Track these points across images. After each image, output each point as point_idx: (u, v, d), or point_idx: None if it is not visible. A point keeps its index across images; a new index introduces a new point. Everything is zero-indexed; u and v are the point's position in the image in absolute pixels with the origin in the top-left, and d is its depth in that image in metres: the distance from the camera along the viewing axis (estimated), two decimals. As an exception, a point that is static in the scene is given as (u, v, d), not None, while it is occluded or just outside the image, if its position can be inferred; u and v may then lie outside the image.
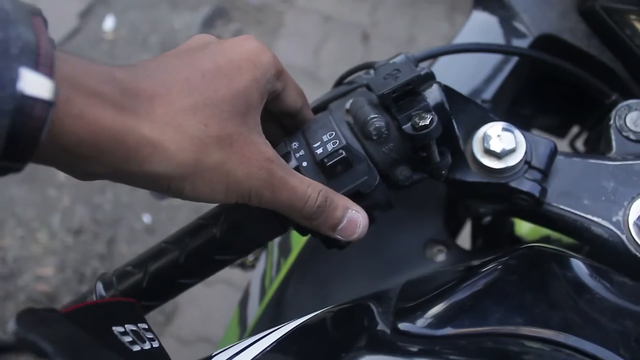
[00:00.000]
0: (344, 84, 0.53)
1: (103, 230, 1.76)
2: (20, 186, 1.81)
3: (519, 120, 0.89)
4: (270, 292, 0.60)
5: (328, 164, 0.40)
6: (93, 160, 0.32)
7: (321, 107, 0.52)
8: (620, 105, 0.52)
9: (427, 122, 0.39)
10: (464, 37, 0.66)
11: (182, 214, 1.77)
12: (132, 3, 2.34)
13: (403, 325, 0.34)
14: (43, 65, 0.28)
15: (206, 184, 0.36)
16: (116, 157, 0.32)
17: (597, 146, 0.66)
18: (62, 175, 1.85)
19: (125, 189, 1.84)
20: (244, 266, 0.82)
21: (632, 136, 0.51)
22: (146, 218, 1.79)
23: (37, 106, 0.28)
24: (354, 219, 0.41)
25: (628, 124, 0.52)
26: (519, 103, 0.82)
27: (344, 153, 0.40)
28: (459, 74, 0.63)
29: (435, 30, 2.40)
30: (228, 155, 0.36)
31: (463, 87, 0.63)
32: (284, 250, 0.60)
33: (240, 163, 0.37)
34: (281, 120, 0.46)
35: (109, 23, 2.26)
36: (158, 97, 0.34)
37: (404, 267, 0.55)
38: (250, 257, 0.81)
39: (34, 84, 0.27)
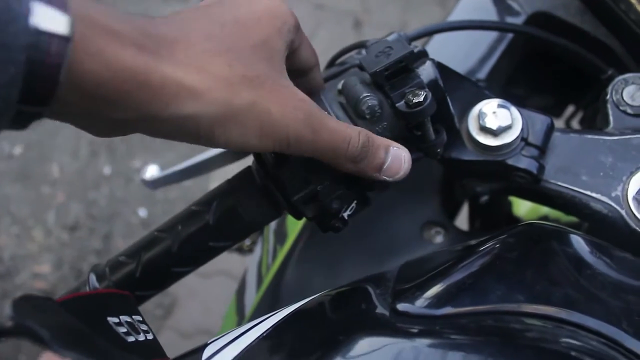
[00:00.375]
0: (336, 65, 0.52)
1: (99, 225, 1.75)
2: (14, 184, 1.79)
3: (513, 100, 0.88)
4: (267, 280, 0.59)
5: None
6: (116, 104, 0.30)
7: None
8: (616, 79, 0.51)
9: (421, 99, 0.38)
10: (457, 16, 0.65)
11: (178, 207, 1.76)
12: (122, -4, 2.32)
13: (402, 306, 0.33)
14: (56, 0, 0.26)
15: (238, 127, 0.34)
16: (140, 98, 0.31)
17: (593, 125, 0.66)
18: (55, 172, 1.83)
19: (120, 183, 1.83)
20: (241, 250, 0.81)
21: (629, 110, 0.50)
22: (142, 212, 1.78)
23: (54, 42, 0.26)
24: (398, 155, 0.40)
25: (625, 98, 0.51)
26: (512, 83, 0.81)
27: None
28: (453, 53, 0.62)
29: (428, 16, 2.39)
30: (260, 94, 0.34)
31: (457, 67, 0.60)
32: (280, 236, 0.59)
33: (274, 102, 0.34)
34: (293, 79, 0.45)
35: (98, 17, 2.23)
36: (178, 41, 0.33)
37: (401, 249, 0.55)
38: (247, 242, 0.80)
39: (47, 17, 0.26)
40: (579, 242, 0.40)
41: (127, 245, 0.48)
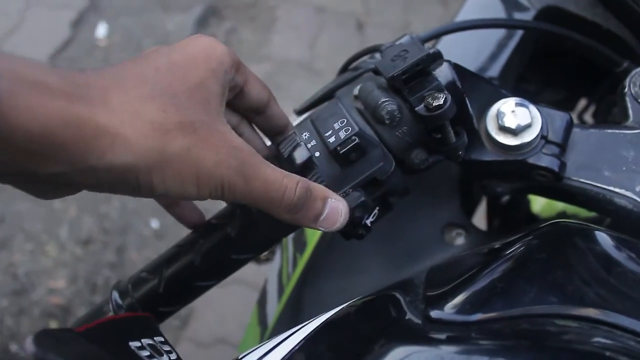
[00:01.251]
0: (349, 70, 0.51)
1: (112, 238, 1.75)
2: (25, 200, 1.80)
3: (525, 97, 0.88)
4: (288, 289, 0.58)
5: (341, 152, 0.39)
6: (51, 158, 0.29)
7: (327, 96, 0.51)
8: (634, 71, 0.51)
9: (441, 101, 0.38)
10: (465, 15, 0.65)
11: (189, 217, 1.76)
12: (124, 8, 2.33)
13: (435, 313, 0.33)
14: None
15: (176, 175, 0.33)
16: (73, 151, 0.30)
17: (607, 118, 0.65)
18: (66, 187, 1.84)
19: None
20: (258, 260, 0.81)
21: (648, 103, 0.50)
22: (154, 223, 1.78)
23: None
24: (335, 207, 0.39)
25: (644, 90, 0.50)
26: (523, 79, 0.80)
27: (357, 139, 0.39)
28: (463, 53, 0.62)
29: (429, 14, 2.38)
30: (194, 141, 0.33)
31: (468, 66, 0.60)
32: (299, 245, 0.59)
33: (208, 150, 0.34)
34: (250, 118, 0.44)
35: (101, 30, 2.24)
36: (111, 88, 0.32)
37: (423, 253, 0.54)
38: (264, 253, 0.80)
39: None
40: (605, 239, 0.39)
41: (141, 257, 0.48)
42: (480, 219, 0.75)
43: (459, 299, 0.33)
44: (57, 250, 1.73)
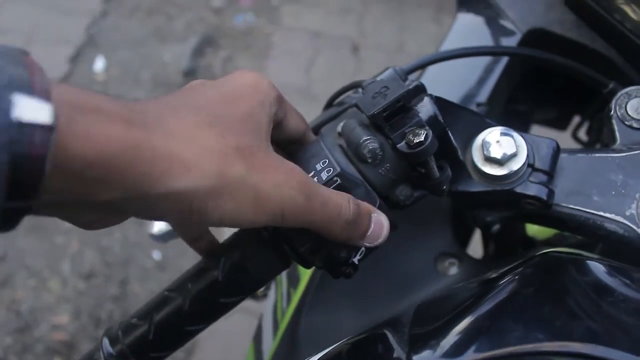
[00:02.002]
0: (334, 106, 0.52)
1: (114, 271, 1.75)
2: (27, 237, 1.80)
3: (516, 117, 0.88)
4: (283, 325, 0.58)
5: None
6: (106, 185, 0.29)
7: (313, 132, 0.51)
8: (619, 93, 0.51)
9: (422, 138, 0.38)
10: (451, 41, 0.65)
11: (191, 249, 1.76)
12: (121, 42, 2.35)
13: (418, 357, 0.32)
14: (38, 90, 0.26)
15: (232, 201, 0.33)
16: (131, 176, 0.29)
17: (601, 135, 0.65)
18: (68, 221, 1.84)
19: (133, 227, 1.83)
20: (255, 297, 0.80)
21: (635, 124, 0.49)
22: (156, 255, 1.78)
23: (37, 133, 0.25)
24: (379, 221, 0.40)
25: (630, 112, 0.50)
26: (515, 101, 0.80)
27: (339, 180, 0.39)
28: (451, 80, 0.62)
29: (423, 34, 2.40)
30: (252, 165, 0.34)
31: (456, 93, 0.61)
32: (293, 279, 0.59)
33: (266, 173, 0.34)
34: (286, 148, 0.44)
35: (99, 64, 2.26)
36: (167, 115, 0.32)
37: (417, 285, 0.54)
38: (261, 289, 0.79)
39: (30, 109, 0.25)
40: (596, 268, 0.39)
41: (143, 289, 0.47)
42: (478, 244, 0.74)
43: (443, 340, 0.33)
44: (60, 286, 1.72)
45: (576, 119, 0.87)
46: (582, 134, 0.84)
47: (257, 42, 2.38)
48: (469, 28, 0.67)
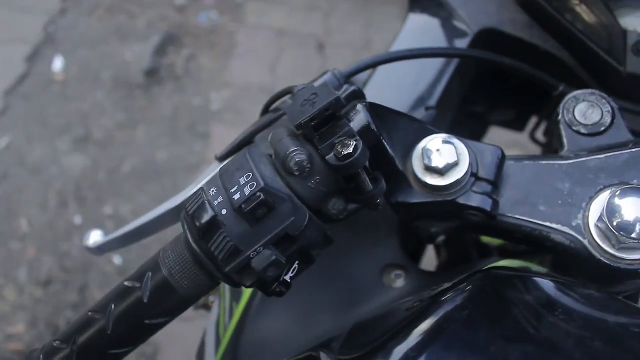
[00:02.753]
0: (270, 112, 0.49)
1: (73, 278, 1.70)
2: (-19, 244, 1.74)
3: (473, 119, 0.86)
4: (225, 342, 0.55)
5: (246, 210, 0.36)
6: None
7: (248, 140, 0.48)
8: (567, 97, 0.49)
9: (351, 149, 0.35)
10: (402, 42, 0.63)
11: (153, 250, 1.70)
12: (80, 41, 2.28)
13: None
14: None
15: None
16: None
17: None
18: (25, 226, 1.78)
19: (91, 232, 1.77)
20: (207, 308, 0.77)
21: (583, 130, 0.48)
22: (117, 260, 1.73)
23: None
24: None
25: (577, 117, 0.48)
26: (471, 102, 0.79)
27: (262, 196, 0.36)
28: (400, 83, 0.60)
29: (390, 32, 2.38)
30: None
31: (405, 96, 0.59)
32: (235, 293, 0.56)
33: None
34: None
35: (58, 64, 2.20)
36: None
37: (362, 297, 0.51)
38: (212, 298, 0.76)
39: None
40: (543, 285, 0.37)
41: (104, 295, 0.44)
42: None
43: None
44: (16, 294, 1.66)
45: (534, 120, 0.86)
46: (540, 135, 0.83)
47: (221, 40, 2.34)
48: (420, 28, 0.64)
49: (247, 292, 0.55)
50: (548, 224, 0.44)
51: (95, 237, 0.59)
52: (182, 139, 2.01)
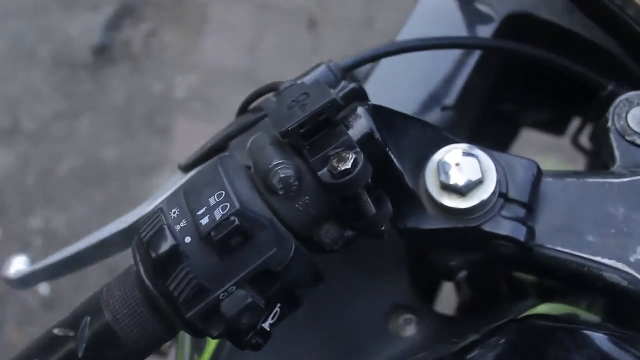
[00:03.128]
0: (250, 112, 0.48)
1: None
2: None
3: (501, 121, 0.86)
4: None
5: (216, 239, 0.35)
6: None
7: (219, 147, 0.47)
8: (618, 100, 0.49)
9: (349, 164, 0.35)
10: (412, 27, 0.64)
11: (91, 279, 1.67)
12: (13, 9, 2.28)
13: None
14: None
15: None
16: None
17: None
18: None
19: (14, 250, 1.76)
20: (161, 353, 0.77)
21: (638, 140, 0.48)
22: (43, 288, 1.70)
23: None
24: None
25: (631, 124, 0.48)
26: (498, 99, 0.79)
27: (237, 221, 0.35)
28: (408, 78, 0.60)
29: (397, 7, 2.38)
30: None
31: (416, 95, 0.60)
32: (197, 345, 0.55)
33: None
34: None
35: (-18, 36, 2.19)
36: None
37: (362, 350, 0.51)
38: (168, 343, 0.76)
39: None
40: (592, 342, 0.36)
41: (21, 335, 0.43)
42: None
43: None
44: None
45: (576, 122, 0.86)
46: (585, 140, 0.83)
47: (190, 14, 2.33)
48: (435, 11, 0.65)
49: (212, 342, 0.54)
50: (599, 258, 0.43)
51: (18, 265, 0.57)
52: (136, 133, 2.00)
